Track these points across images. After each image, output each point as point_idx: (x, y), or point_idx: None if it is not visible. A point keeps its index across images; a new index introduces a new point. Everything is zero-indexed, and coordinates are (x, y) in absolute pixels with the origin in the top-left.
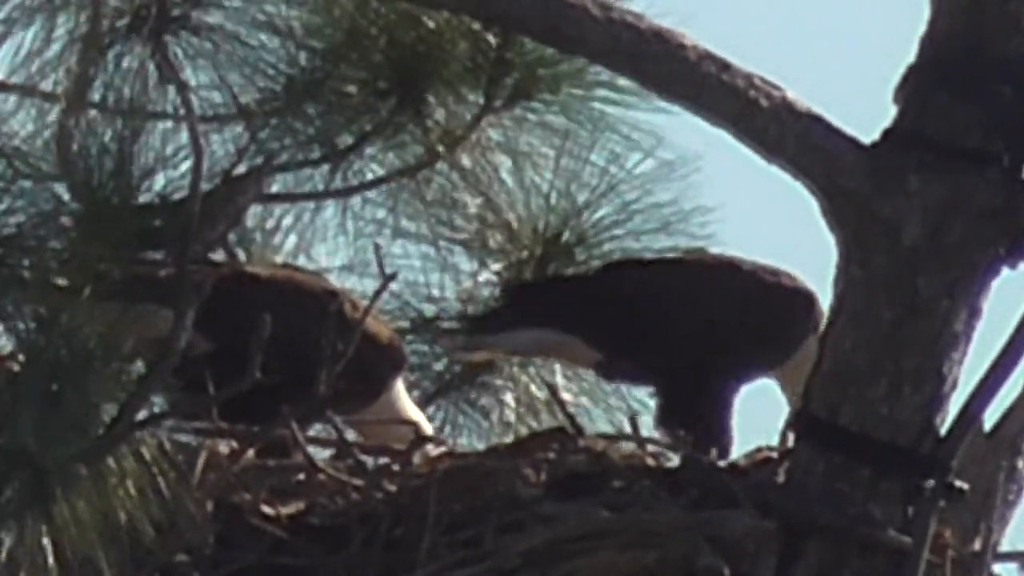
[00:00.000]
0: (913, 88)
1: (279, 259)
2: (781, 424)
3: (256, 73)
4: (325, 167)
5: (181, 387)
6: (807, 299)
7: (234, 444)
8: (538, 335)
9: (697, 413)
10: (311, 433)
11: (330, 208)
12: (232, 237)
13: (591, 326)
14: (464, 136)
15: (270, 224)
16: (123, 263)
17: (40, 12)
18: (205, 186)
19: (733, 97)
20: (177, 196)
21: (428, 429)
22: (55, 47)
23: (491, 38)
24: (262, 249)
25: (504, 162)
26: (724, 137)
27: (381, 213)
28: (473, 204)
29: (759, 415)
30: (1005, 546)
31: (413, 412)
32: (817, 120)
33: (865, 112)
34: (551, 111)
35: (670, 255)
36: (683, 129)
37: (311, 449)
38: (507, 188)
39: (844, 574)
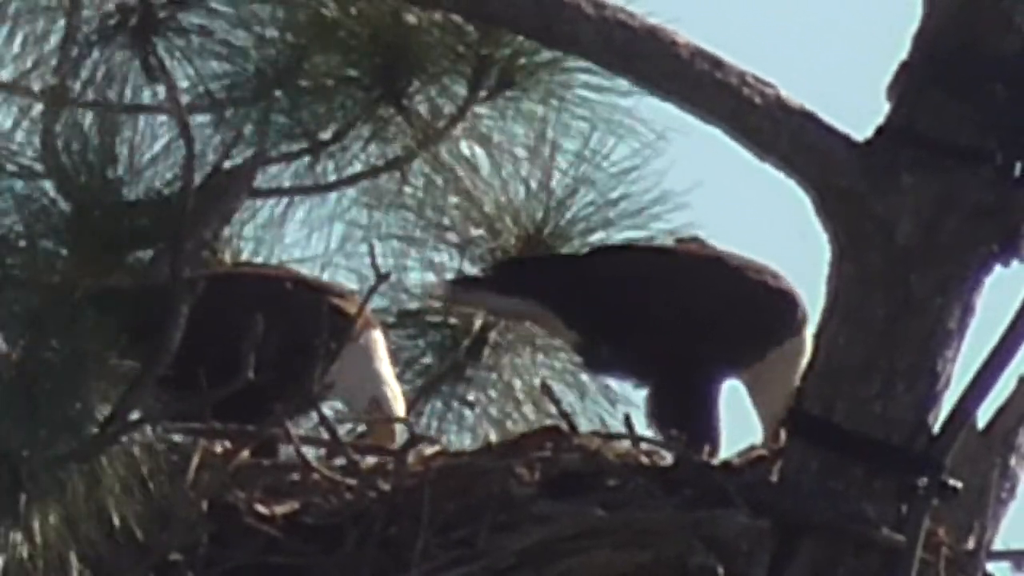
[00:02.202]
0: (906, 85)
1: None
2: None
3: (238, 68)
4: (306, 161)
5: (174, 386)
6: (789, 300)
7: (228, 444)
8: (519, 304)
9: (685, 410)
10: (304, 432)
11: (306, 202)
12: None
13: (568, 305)
14: (450, 127)
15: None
16: (114, 261)
17: (26, 13)
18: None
19: (726, 95)
20: (166, 192)
21: (393, 400)
22: (41, 47)
23: (472, 28)
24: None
25: (487, 154)
26: (717, 133)
27: (360, 209)
28: (454, 198)
29: (753, 413)
30: (998, 544)
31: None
32: (810, 118)
33: (858, 110)
34: (533, 98)
35: (660, 243)
36: (673, 121)
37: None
38: (489, 181)
39: (838, 573)
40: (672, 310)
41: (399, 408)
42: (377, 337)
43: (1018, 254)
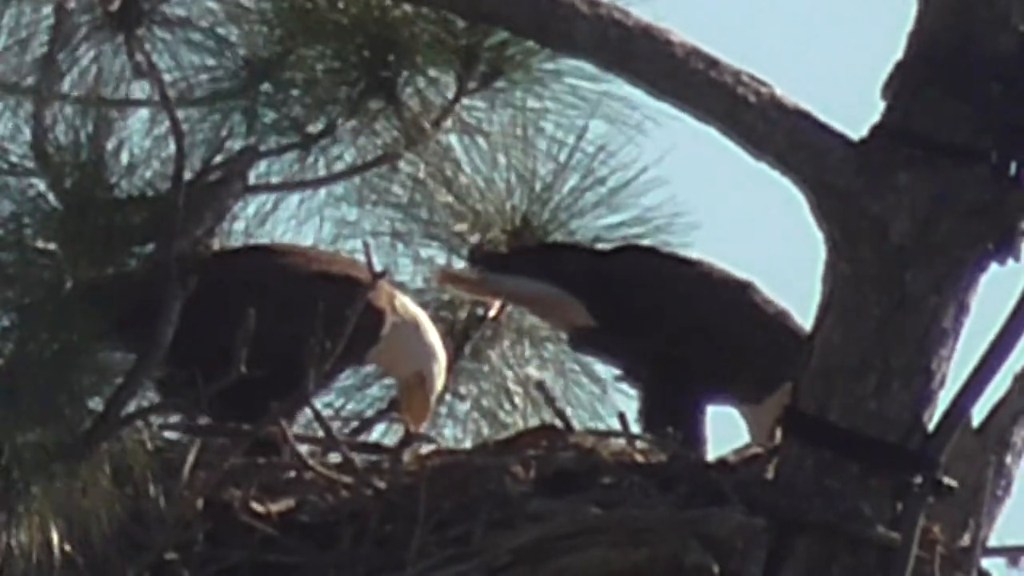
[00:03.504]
0: (902, 84)
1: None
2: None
3: (225, 61)
4: (295, 155)
5: (168, 381)
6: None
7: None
8: (542, 288)
9: (674, 416)
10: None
11: (295, 197)
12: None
13: (596, 295)
14: (441, 119)
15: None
16: (106, 257)
17: (11, 5)
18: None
19: (721, 94)
20: (159, 188)
21: (438, 375)
22: (28, 41)
23: (459, 21)
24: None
25: (476, 147)
26: (712, 132)
27: (347, 205)
28: (444, 191)
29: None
30: (993, 542)
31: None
32: (805, 116)
33: (854, 108)
34: (523, 89)
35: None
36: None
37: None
38: (480, 173)
39: (833, 570)
40: (692, 320)
41: (439, 384)
42: (413, 308)
43: (1013, 252)
